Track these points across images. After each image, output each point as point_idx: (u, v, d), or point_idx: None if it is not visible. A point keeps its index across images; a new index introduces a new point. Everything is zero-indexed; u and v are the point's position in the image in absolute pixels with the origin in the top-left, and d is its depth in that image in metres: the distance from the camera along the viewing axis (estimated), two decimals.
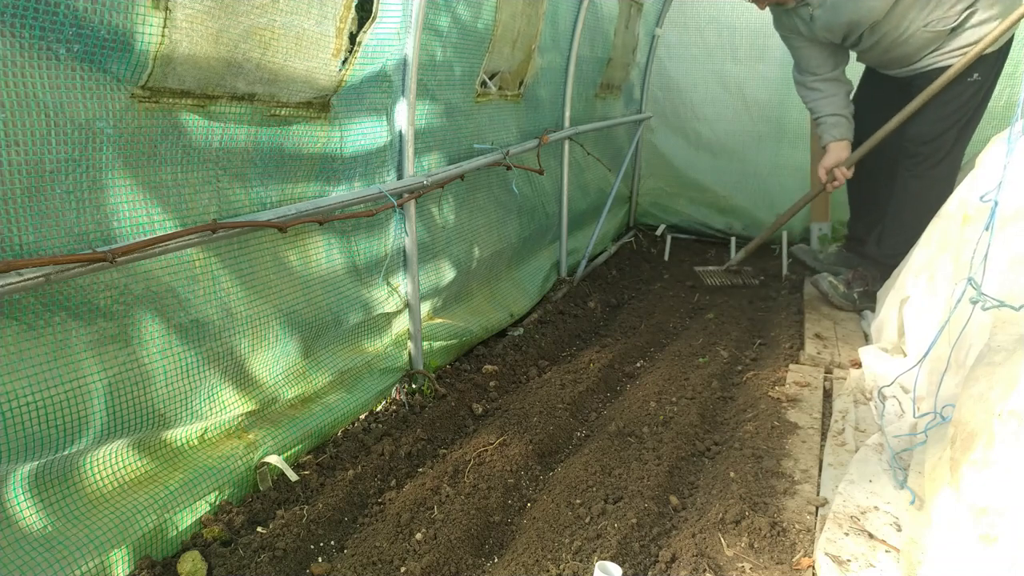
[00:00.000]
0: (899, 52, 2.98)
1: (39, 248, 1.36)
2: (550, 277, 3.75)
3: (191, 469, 1.79)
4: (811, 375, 2.63)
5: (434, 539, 1.75)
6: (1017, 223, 1.74)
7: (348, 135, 2.10)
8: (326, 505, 1.86)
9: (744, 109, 4.61)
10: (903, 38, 2.90)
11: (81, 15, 1.30)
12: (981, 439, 1.39)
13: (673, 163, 4.92)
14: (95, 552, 1.51)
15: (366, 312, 2.34)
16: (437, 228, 2.68)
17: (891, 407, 2.20)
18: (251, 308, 1.89)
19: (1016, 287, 1.62)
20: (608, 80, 4.12)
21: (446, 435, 2.31)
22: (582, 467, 2.05)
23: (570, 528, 1.80)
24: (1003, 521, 1.23)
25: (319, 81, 1.89)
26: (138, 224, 1.55)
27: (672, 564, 1.66)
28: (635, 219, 5.19)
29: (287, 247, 2.00)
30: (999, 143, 2.10)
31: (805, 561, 1.64)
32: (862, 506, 1.77)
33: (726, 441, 2.24)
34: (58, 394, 1.43)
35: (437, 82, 2.46)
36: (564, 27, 3.36)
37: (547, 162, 3.36)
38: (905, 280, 2.56)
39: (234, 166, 1.77)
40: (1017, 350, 1.46)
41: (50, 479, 1.51)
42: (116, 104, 1.43)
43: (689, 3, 4.56)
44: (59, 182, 1.38)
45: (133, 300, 1.58)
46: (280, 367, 2.04)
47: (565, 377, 2.70)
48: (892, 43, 2.94)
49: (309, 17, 1.76)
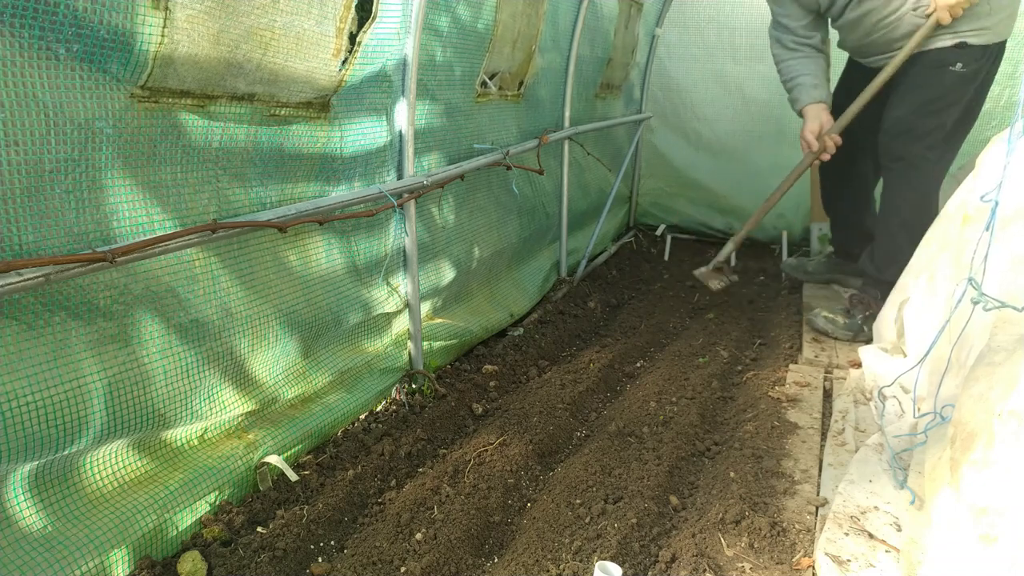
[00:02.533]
0: (882, 36, 2.79)
1: (39, 248, 1.36)
2: (550, 277, 3.75)
3: (191, 469, 1.79)
4: (811, 375, 2.63)
5: (434, 539, 1.75)
6: (1018, 223, 1.74)
7: (348, 135, 2.10)
8: (326, 505, 1.86)
9: (744, 109, 4.62)
10: (889, 20, 2.72)
11: (81, 15, 1.30)
12: (981, 439, 1.39)
13: (673, 163, 4.92)
14: (95, 552, 1.51)
15: (366, 312, 2.34)
16: (437, 228, 2.68)
17: (891, 407, 2.20)
18: (251, 308, 1.89)
19: (1017, 287, 1.62)
20: (608, 80, 4.12)
21: (446, 435, 2.31)
22: (582, 467, 2.05)
23: (570, 528, 1.80)
24: (1003, 521, 1.23)
25: (319, 81, 1.89)
26: (138, 224, 1.55)
27: (672, 564, 1.66)
28: (635, 219, 5.19)
29: (287, 247, 1.99)
30: (999, 143, 2.10)
31: (805, 561, 1.64)
32: (862, 506, 1.77)
33: (726, 441, 2.24)
34: (58, 394, 1.43)
35: (437, 82, 2.46)
36: (564, 27, 3.36)
37: (547, 162, 3.36)
38: (905, 280, 2.56)
39: (234, 166, 1.77)
40: (1017, 350, 1.46)
41: (50, 479, 1.51)
42: (116, 104, 1.43)
43: (689, 3, 4.56)
44: (59, 182, 1.38)
45: (133, 300, 1.58)
46: (280, 367, 2.04)
47: (565, 377, 2.70)
48: (876, 24, 2.76)
49: (309, 17, 1.76)
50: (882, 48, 2.85)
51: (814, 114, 2.95)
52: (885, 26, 2.75)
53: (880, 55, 2.88)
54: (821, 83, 2.96)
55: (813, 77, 2.95)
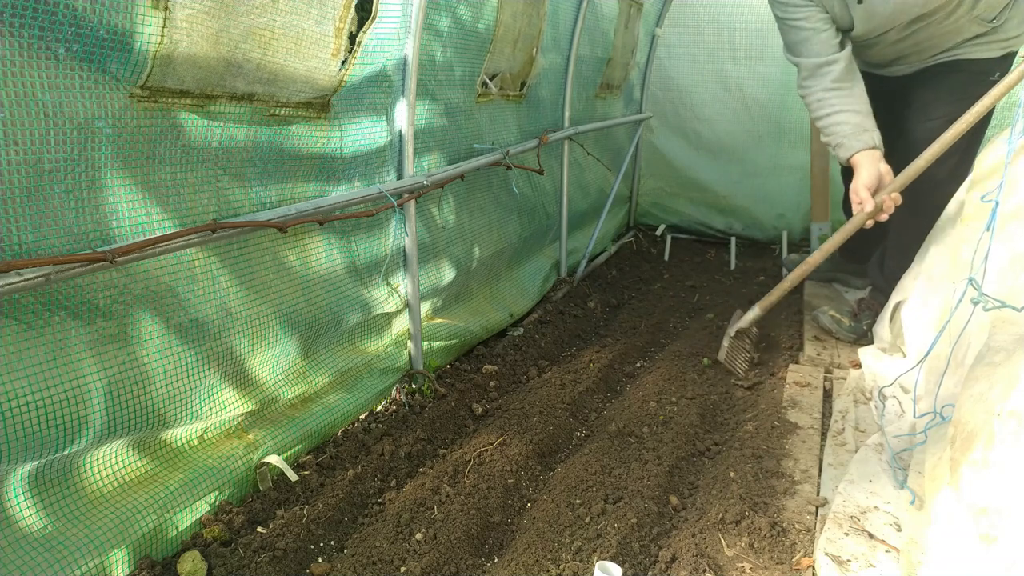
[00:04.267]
0: (930, 44, 2.45)
1: (39, 248, 1.36)
2: (550, 277, 3.75)
3: (191, 469, 1.79)
4: (811, 375, 2.63)
5: (434, 539, 1.75)
6: (1017, 222, 1.74)
7: (348, 135, 2.10)
8: (326, 505, 1.86)
9: (744, 109, 4.62)
10: (947, 29, 2.38)
11: (80, 15, 1.30)
12: (981, 439, 1.39)
13: (673, 163, 4.92)
14: (95, 552, 1.51)
15: (366, 312, 2.34)
16: (437, 228, 2.68)
17: (891, 407, 2.20)
18: (251, 308, 1.89)
19: (1016, 286, 1.63)
20: (608, 80, 4.12)
21: (446, 435, 2.31)
22: (582, 467, 2.05)
23: (570, 528, 1.80)
24: (1003, 521, 1.23)
25: (319, 81, 1.89)
26: (137, 224, 1.55)
27: (672, 564, 1.66)
28: (635, 219, 5.19)
29: (287, 247, 1.99)
30: (999, 143, 2.10)
31: (805, 561, 1.64)
32: (862, 506, 1.77)
33: (726, 441, 2.24)
34: (58, 394, 1.43)
35: (437, 82, 2.46)
36: (564, 27, 3.36)
37: (547, 162, 3.36)
38: (903, 281, 2.56)
39: (234, 166, 1.77)
40: (1017, 350, 1.46)
41: (50, 479, 1.51)
42: (115, 104, 1.43)
43: (689, 3, 4.56)
44: (58, 182, 1.38)
45: (133, 300, 1.58)
46: (280, 367, 2.04)
47: (565, 377, 2.70)
48: (930, 35, 2.42)
49: (309, 17, 1.76)
50: (925, 56, 2.54)
51: (870, 165, 2.35)
52: (941, 35, 2.43)
53: (915, 63, 2.59)
54: (870, 125, 2.40)
55: (858, 117, 2.40)
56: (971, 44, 2.47)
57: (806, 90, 2.53)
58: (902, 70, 2.67)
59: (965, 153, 2.54)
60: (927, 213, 2.50)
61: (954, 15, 2.37)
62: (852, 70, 2.49)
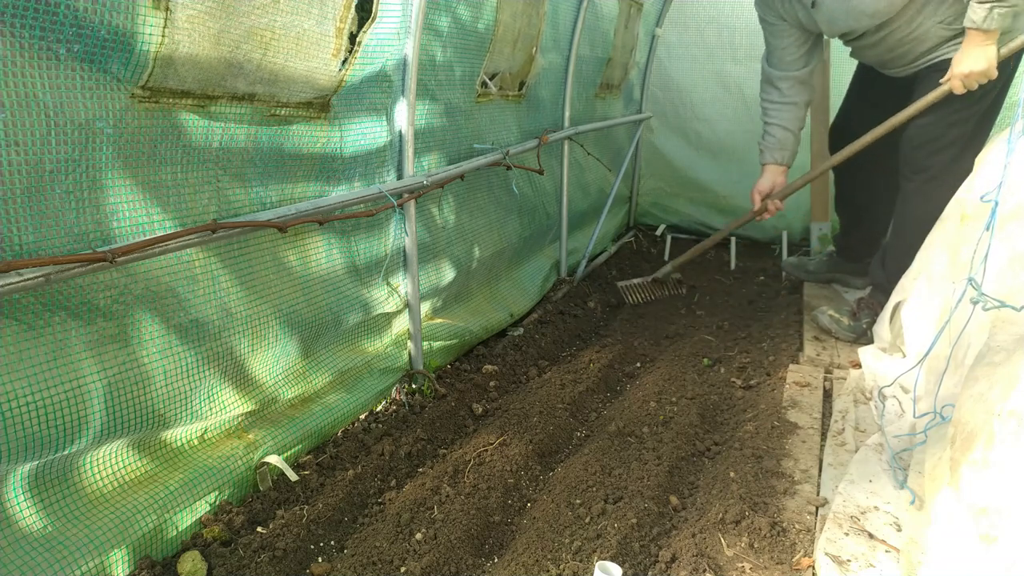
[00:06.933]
0: (905, 50, 2.64)
1: (39, 248, 1.36)
2: (550, 277, 3.75)
3: (191, 469, 1.79)
4: (811, 375, 2.63)
5: (434, 539, 1.75)
6: (1017, 222, 1.74)
7: (348, 135, 2.10)
8: (326, 505, 1.86)
9: (744, 109, 4.61)
10: (913, 35, 2.56)
11: (81, 15, 1.30)
12: (981, 439, 1.39)
13: (673, 163, 4.92)
14: (95, 552, 1.51)
15: (366, 312, 2.34)
16: (437, 228, 2.68)
17: (891, 407, 2.20)
18: (251, 308, 1.89)
19: (1016, 286, 1.63)
20: (608, 80, 4.12)
21: (446, 435, 2.31)
22: (582, 467, 2.05)
23: (570, 528, 1.80)
24: (1003, 521, 1.23)
25: (319, 81, 1.89)
26: (138, 224, 1.55)
27: (672, 564, 1.66)
28: (635, 219, 5.19)
29: (287, 247, 2.00)
30: (999, 143, 2.10)
31: (805, 561, 1.64)
32: (862, 506, 1.77)
33: (726, 441, 2.24)
34: (58, 394, 1.43)
35: (437, 82, 2.46)
36: (564, 27, 3.36)
37: (547, 162, 3.36)
38: (903, 281, 2.56)
39: (234, 166, 1.77)
40: (1017, 350, 1.46)
41: (50, 479, 1.51)
42: (116, 104, 1.43)
43: (689, 3, 4.56)
44: (59, 182, 1.38)
45: (133, 300, 1.58)
46: (280, 367, 2.04)
47: (565, 377, 2.70)
48: (899, 41, 2.61)
49: (309, 17, 1.76)
50: (908, 61, 2.71)
51: (770, 174, 3.09)
52: (910, 41, 2.60)
53: (904, 67, 2.75)
54: (789, 139, 3.01)
55: (785, 131, 2.99)
56: (950, 45, 2.56)
57: (761, 93, 3.13)
58: (899, 72, 2.81)
59: (964, 150, 2.60)
60: (927, 212, 2.55)
61: (915, 22, 2.54)
62: (802, 90, 2.96)
